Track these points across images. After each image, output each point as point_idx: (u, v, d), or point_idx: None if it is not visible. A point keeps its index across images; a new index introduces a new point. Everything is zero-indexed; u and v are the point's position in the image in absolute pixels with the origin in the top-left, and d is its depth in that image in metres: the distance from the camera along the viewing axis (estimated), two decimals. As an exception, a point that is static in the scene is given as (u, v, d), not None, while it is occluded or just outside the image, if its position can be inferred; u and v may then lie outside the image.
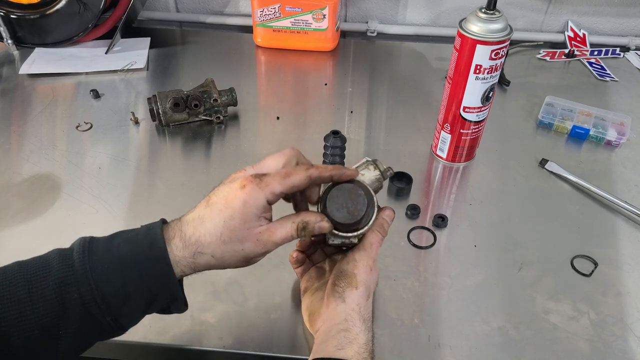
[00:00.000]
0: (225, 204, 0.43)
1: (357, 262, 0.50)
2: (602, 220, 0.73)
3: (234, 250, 0.43)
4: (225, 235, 0.42)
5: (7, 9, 1.02)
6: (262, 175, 0.44)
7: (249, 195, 0.42)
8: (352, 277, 0.49)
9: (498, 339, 0.58)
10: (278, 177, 0.44)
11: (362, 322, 0.48)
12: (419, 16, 1.22)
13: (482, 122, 0.77)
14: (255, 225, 0.43)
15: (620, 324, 0.59)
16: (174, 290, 0.43)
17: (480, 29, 0.67)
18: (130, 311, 0.43)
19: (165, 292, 0.43)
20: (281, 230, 0.45)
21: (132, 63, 1.05)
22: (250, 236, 0.43)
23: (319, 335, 0.49)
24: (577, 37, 1.17)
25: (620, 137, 0.86)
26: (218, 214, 0.42)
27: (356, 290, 0.49)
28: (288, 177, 0.44)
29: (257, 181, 0.43)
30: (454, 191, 0.78)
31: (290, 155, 0.47)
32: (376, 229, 0.51)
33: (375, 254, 0.51)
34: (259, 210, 0.43)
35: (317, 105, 0.98)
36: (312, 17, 1.07)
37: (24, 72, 1.01)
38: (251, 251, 0.44)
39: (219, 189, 0.44)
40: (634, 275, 0.65)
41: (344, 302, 0.48)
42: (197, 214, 0.44)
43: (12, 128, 0.89)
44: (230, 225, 0.42)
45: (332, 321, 0.48)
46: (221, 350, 0.56)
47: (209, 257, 0.43)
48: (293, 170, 0.45)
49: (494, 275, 0.65)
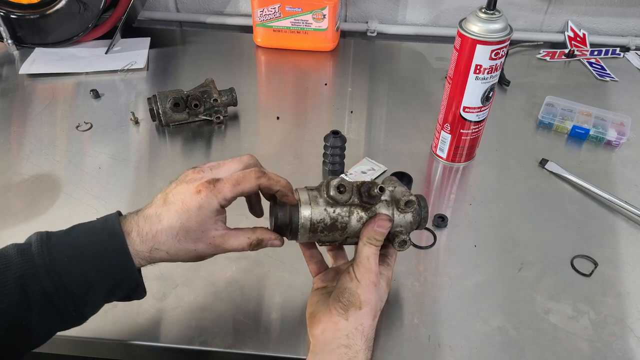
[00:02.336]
0: (182, 206, 0.45)
1: (359, 280, 0.49)
2: (602, 220, 0.73)
3: (187, 249, 0.46)
4: (180, 235, 0.45)
5: (7, 8, 1.02)
6: (216, 181, 0.46)
7: (204, 200, 0.45)
8: (356, 296, 0.49)
9: (498, 339, 0.58)
10: (229, 184, 0.46)
11: (364, 341, 0.48)
12: (419, 16, 1.22)
13: (482, 122, 0.77)
14: (211, 228, 0.46)
15: (620, 324, 0.59)
16: (135, 279, 0.46)
17: (480, 29, 0.67)
18: (93, 300, 0.45)
19: (128, 281, 0.45)
20: (234, 242, 0.48)
21: (132, 63, 1.05)
22: (204, 238, 0.46)
23: (316, 344, 0.49)
24: (577, 37, 1.17)
25: (620, 137, 0.86)
26: (175, 215, 0.45)
27: (360, 310, 0.49)
28: (238, 184, 0.46)
29: (211, 187, 0.45)
30: (454, 191, 0.78)
31: (247, 162, 0.49)
32: (366, 240, 0.50)
33: (375, 267, 0.50)
34: (213, 213, 0.45)
35: (317, 105, 0.98)
36: (312, 17, 1.06)
37: (24, 72, 1.01)
38: (203, 252, 0.47)
39: (177, 189, 0.46)
40: (634, 275, 0.65)
41: (347, 321, 0.48)
42: (155, 210, 0.45)
43: (12, 128, 0.89)
44: (187, 227, 0.45)
45: (332, 334, 0.48)
46: (221, 350, 0.56)
47: (164, 253, 0.45)
48: (244, 177, 0.46)
49: (494, 275, 0.65)
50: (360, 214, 0.51)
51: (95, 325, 0.58)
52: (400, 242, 0.51)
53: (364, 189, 0.50)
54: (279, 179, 0.48)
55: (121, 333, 0.57)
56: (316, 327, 0.50)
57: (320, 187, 0.51)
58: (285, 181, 0.49)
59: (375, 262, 0.50)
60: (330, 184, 0.49)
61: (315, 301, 0.53)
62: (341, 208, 0.50)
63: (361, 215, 0.51)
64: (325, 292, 0.54)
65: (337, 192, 0.49)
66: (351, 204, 0.50)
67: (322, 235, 0.51)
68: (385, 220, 0.50)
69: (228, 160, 0.49)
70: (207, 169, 0.48)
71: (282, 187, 0.48)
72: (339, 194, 0.49)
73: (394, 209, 0.52)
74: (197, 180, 0.46)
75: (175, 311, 0.59)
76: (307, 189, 0.51)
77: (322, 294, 0.54)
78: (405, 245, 0.51)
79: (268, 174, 0.48)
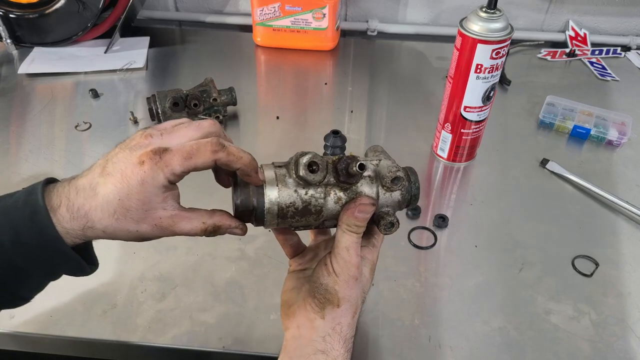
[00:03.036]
0: (121, 179, 0.37)
1: (337, 275, 0.43)
2: (603, 220, 0.73)
3: (127, 230, 0.39)
4: (119, 214, 0.38)
5: (6, 8, 1.02)
6: (163, 151, 0.38)
7: (147, 175, 0.37)
8: (333, 293, 0.43)
9: (499, 340, 0.57)
10: (179, 156, 0.38)
11: (342, 344, 0.43)
12: (419, 15, 1.22)
13: (483, 122, 0.77)
14: (157, 208, 0.39)
15: (622, 325, 0.59)
16: (73, 262, 0.40)
17: (481, 28, 0.66)
18: (30, 286, 0.41)
19: (64, 266, 0.40)
20: (186, 225, 0.41)
21: (131, 62, 1.05)
22: (148, 219, 0.39)
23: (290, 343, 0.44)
24: (578, 37, 1.17)
25: (622, 137, 0.86)
26: (113, 190, 0.37)
27: (337, 308, 0.43)
28: (190, 158, 0.38)
29: (157, 159, 0.38)
30: (454, 191, 0.78)
31: (208, 131, 0.41)
32: (345, 227, 0.43)
33: (356, 258, 0.43)
34: (158, 190, 0.38)
35: (317, 105, 0.98)
36: (312, 16, 1.06)
37: (23, 72, 1.01)
38: (147, 234, 0.40)
39: (118, 156, 0.39)
40: (634, 275, 0.65)
41: (323, 319, 0.43)
42: (89, 181, 0.38)
43: (11, 128, 0.89)
44: (126, 205, 0.38)
45: (308, 333, 0.43)
46: (221, 350, 0.56)
47: (99, 232, 0.39)
48: (197, 150, 0.39)
49: (495, 275, 0.65)
50: (338, 195, 0.43)
51: (95, 325, 0.58)
52: (387, 225, 0.44)
53: (341, 166, 0.42)
54: (240, 155, 0.40)
55: (120, 333, 0.57)
56: (291, 321, 0.45)
57: (289, 164, 0.43)
58: (249, 157, 0.41)
59: (356, 252, 0.44)
60: (299, 161, 0.41)
61: (291, 287, 0.48)
62: (315, 189, 0.42)
63: (339, 196, 0.43)
64: (303, 277, 0.48)
65: (307, 172, 0.41)
66: (327, 183, 0.43)
67: (294, 221, 0.43)
68: (367, 204, 0.43)
69: (185, 124, 0.41)
70: (158, 134, 0.40)
71: (243, 165, 0.40)
72: (310, 173, 0.41)
73: (379, 187, 0.44)
74: (142, 147, 0.39)
75: (175, 312, 0.59)
76: (275, 166, 0.43)
77: (299, 279, 0.48)
78: (392, 228, 0.44)
79: (228, 148, 0.40)
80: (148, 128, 0.41)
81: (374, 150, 0.49)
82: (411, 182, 0.46)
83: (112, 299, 0.60)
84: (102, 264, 0.64)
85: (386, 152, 0.48)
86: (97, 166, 0.39)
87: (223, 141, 0.40)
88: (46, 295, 0.60)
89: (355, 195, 0.43)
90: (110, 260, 0.65)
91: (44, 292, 0.43)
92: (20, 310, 0.58)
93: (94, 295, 0.61)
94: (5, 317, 0.58)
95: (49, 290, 0.43)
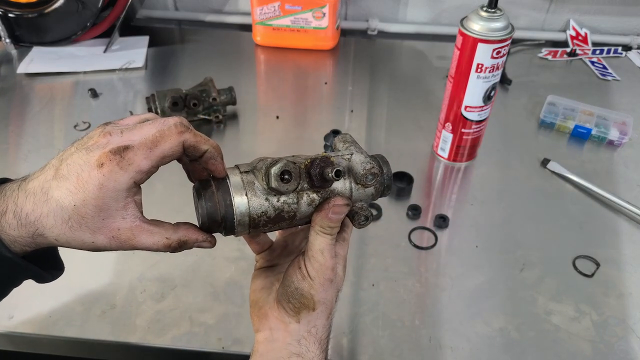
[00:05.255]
0: (77, 183, 0.34)
1: (312, 279, 0.42)
2: (604, 220, 0.73)
3: (82, 240, 0.35)
4: (73, 222, 0.34)
5: (5, 7, 1.02)
6: (124, 150, 0.34)
7: (107, 178, 0.34)
8: (309, 297, 0.42)
9: (499, 340, 0.57)
10: (143, 149, 0.35)
11: (317, 345, 0.42)
12: (419, 15, 1.22)
13: (484, 122, 0.76)
14: (115, 217, 0.35)
15: (623, 325, 0.59)
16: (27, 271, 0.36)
17: (481, 27, 0.66)
18: None
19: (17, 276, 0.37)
20: (147, 239, 0.37)
21: (131, 62, 1.05)
22: (104, 229, 0.35)
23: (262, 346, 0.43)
24: (579, 36, 1.16)
25: (623, 137, 0.86)
26: (67, 195, 0.34)
27: (313, 312, 0.42)
28: (156, 146, 0.35)
29: (118, 159, 0.34)
30: (455, 191, 0.78)
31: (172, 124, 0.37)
32: (319, 229, 0.41)
33: (330, 260, 0.42)
34: (121, 194, 0.35)
35: (317, 105, 0.97)
36: (312, 16, 1.06)
37: (22, 72, 1.01)
38: (103, 246, 0.36)
39: (73, 157, 0.34)
40: (635, 275, 0.65)
41: (298, 323, 0.42)
42: (41, 184, 0.34)
43: (10, 128, 0.89)
44: (82, 212, 0.34)
45: (282, 336, 0.42)
46: (220, 351, 0.55)
47: (51, 240, 0.35)
48: (161, 136, 0.35)
49: (496, 276, 0.64)
50: (311, 197, 0.41)
51: (94, 326, 0.57)
52: (361, 220, 0.43)
53: (314, 172, 0.40)
54: (207, 138, 0.38)
55: (119, 334, 0.57)
56: (262, 323, 0.44)
57: (256, 170, 0.40)
58: (215, 142, 0.38)
59: (331, 254, 0.42)
60: (270, 172, 0.39)
61: (260, 287, 0.46)
62: (287, 195, 0.40)
63: (312, 198, 0.41)
64: (272, 275, 0.47)
65: (280, 183, 0.39)
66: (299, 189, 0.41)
67: (266, 228, 0.42)
68: (341, 205, 0.41)
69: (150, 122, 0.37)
70: (118, 131, 0.35)
71: (211, 147, 0.38)
72: (283, 184, 0.39)
73: (352, 182, 0.42)
74: (100, 148, 0.34)
75: (174, 312, 0.59)
76: (240, 171, 0.40)
77: (268, 277, 0.46)
78: (367, 222, 0.43)
79: (193, 130, 0.37)
80: (108, 124, 0.37)
81: (343, 141, 0.46)
82: (383, 173, 0.44)
83: (111, 300, 0.60)
84: (100, 264, 0.64)
85: (356, 142, 0.45)
86: (50, 167, 0.35)
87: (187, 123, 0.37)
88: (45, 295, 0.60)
89: (328, 195, 0.42)
90: (109, 260, 0.64)
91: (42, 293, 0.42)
92: (19, 311, 0.58)
93: (93, 295, 0.60)
94: (4, 317, 0.57)
95: (47, 291, 0.43)
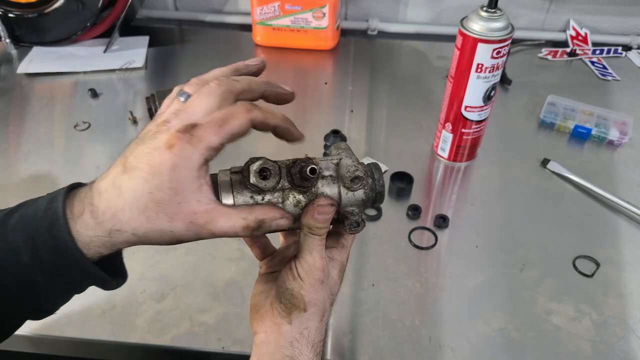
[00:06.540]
0: (149, 170, 0.33)
1: (302, 279, 0.42)
2: (604, 220, 0.73)
3: (160, 229, 0.34)
4: (150, 210, 0.33)
5: (6, 7, 1.02)
6: (192, 127, 0.34)
7: (179, 157, 0.33)
8: (299, 298, 0.42)
9: (500, 340, 0.57)
10: (213, 125, 0.34)
11: (310, 348, 0.42)
12: (419, 14, 1.22)
13: (484, 122, 0.76)
14: (191, 200, 0.34)
15: (623, 325, 0.59)
16: (95, 277, 0.36)
17: (481, 27, 0.66)
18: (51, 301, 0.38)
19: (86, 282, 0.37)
20: (225, 223, 0.36)
21: (131, 62, 1.05)
22: (181, 214, 0.34)
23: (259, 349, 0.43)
24: (579, 36, 1.16)
25: (623, 137, 0.86)
26: (141, 183, 0.33)
27: (304, 312, 0.42)
28: (226, 123, 0.34)
29: (188, 137, 0.33)
30: (455, 191, 0.78)
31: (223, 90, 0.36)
32: (307, 230, 0.41)
33: (320, 261, 0.42)
34: (193, 173, 0.34)
35: (317, 105, 0.97)
36: (312, 16, 1.06)
37: (22, 72, 1.01)
38: (181, 234, 0.35)
39: (137, 149, 0.34)
40: (636, 275, 0.65)
41: (290, 325, 0.42)
42: (112, 181, 0.34)
43: (10, 128, 0.89)
44: (158, 198, 0.33)
45: (275, 341, 0.42)
46: (220, 351, 0.55)
47: (129, 235, 0.34)
48: (230, 114, 0.35)
49: (496, 276, 0.64)
50: (297, 198, 0.41)
51: (94, 326, 0.57)
52: (352, 224, 0.43)
53: (294, 170, 0.41)
54: (274, 113, 0.37)
55: (120, 334, 0.57)
56: (259, 325, 0.44)
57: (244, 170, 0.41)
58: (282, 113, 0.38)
59: (320, 255, 0.42)
60: (250, 168, 0.39)
61: (260, 291, 0.46)
62: (271, 194, 0.41)
63: (299, 199, 0.41)
64: (271, 280, 0.47)
65: (259, 179, 0.39)
66: (282, 188, 0.41)
67: None
68: (326, 205, 0.41)
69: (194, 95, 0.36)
70: (172, 115, 0.35)
71: (281, 121, 0.38)
72: (261, 180, 0.39)
73: (340, 186, 0.43)
74: (165, 132, 0.34)
75: (174, 312, 0.59)
76: (231, 172, 0.41)
77: (267, 282, 0.47)
78: (358, 227, 0.43)
79: (260, 107, 0.36)
80: (158, 115, 0.36)
81: (337, 148, 0.47)
82: (375, 179, 0.44)
83: (111, 300, 0.60)
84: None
85: (350, 149, 0.46)
86: (117, 165, 0.35)
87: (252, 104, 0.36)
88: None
89: (315, 197, 0.42)
90: (109, 260, 0.64)
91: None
92: (19, 311, 0.58)
93: (93, 295, 0.60)
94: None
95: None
